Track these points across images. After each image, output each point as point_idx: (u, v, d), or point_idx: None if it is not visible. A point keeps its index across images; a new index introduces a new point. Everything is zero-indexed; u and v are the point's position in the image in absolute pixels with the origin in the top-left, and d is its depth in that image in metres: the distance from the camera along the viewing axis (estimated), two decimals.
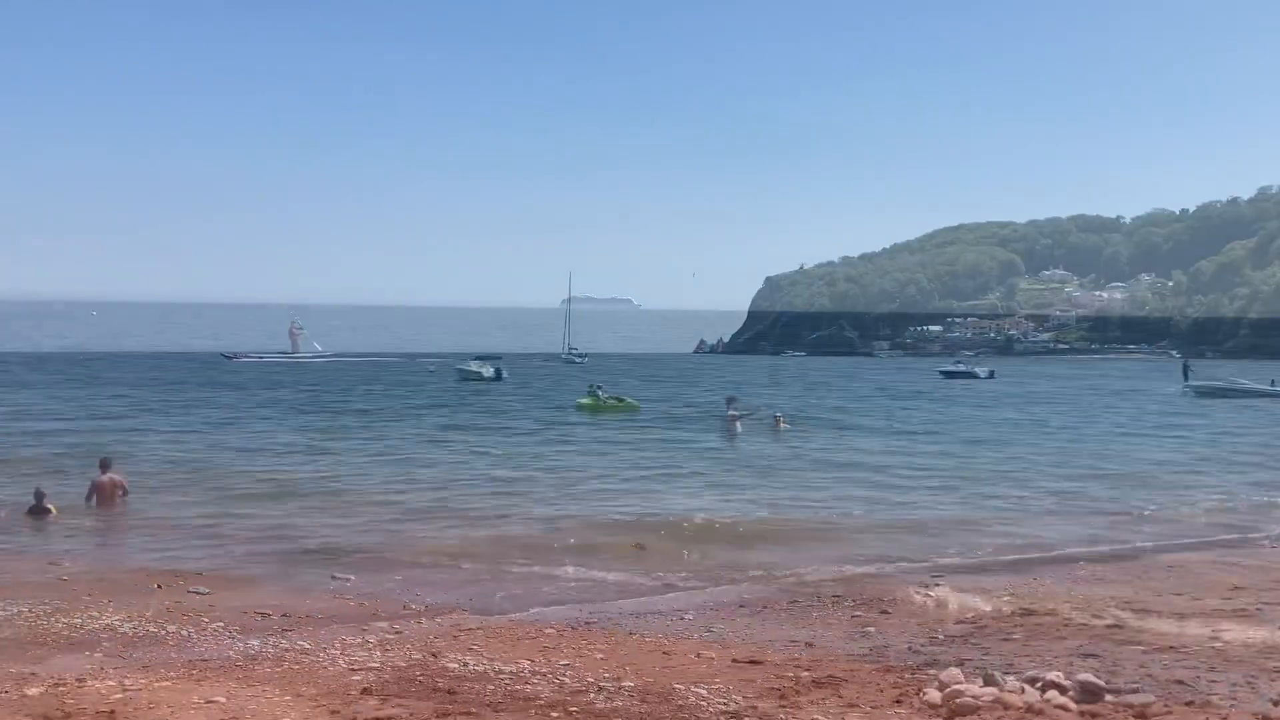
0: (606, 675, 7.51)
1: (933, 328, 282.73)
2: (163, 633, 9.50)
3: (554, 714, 6.39)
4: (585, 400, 43.41)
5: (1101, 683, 6.20)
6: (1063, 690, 6.14)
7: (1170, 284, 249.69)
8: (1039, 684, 6.27)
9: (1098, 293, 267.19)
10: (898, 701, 6.35)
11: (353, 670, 7.84)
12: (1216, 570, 12.02)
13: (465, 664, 8.02)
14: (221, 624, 9.83)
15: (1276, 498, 19.19)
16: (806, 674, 7.24)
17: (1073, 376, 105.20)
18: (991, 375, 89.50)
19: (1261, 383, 57.08)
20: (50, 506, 15.66)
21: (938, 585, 11.53)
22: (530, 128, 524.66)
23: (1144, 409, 49.05)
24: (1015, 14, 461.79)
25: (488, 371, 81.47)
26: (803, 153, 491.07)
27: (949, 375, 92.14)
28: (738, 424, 32.40)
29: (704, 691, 6.87)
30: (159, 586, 11.15)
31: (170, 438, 30.34)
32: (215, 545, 13.79)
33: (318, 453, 25.52)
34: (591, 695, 6.82)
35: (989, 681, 6.33)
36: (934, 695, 6.26)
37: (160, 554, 13.26)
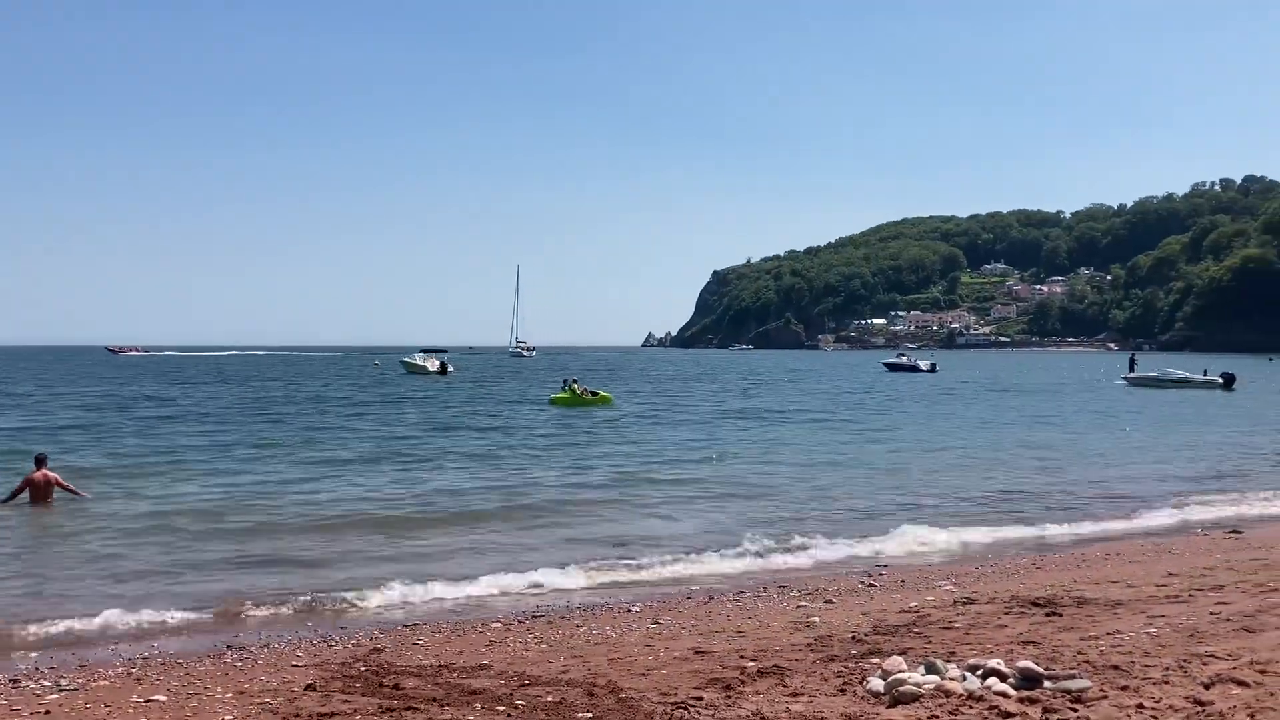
0: (553, 669, 7.51)
1: (877, 321, 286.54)
2: (101, 631, 9.35)
3: (499, 708, 6.37)
4: (560, 394, 43.67)
5: (1040, 669, 6.30)
6: (1003, 677, 6.24)
7: (1108, 278, 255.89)
8: (980, 671, 6.36)
9: (1038, 286, 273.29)
10: (841, 690, 6.41)
11: (295, 667, 7.77)
12: (1151, 558, 12.28)
13: (411, 659, 7.98)
14: (160, 622, 9.69)
15: (1206, 485, 19.64)
16: (752, 664, 7.29)
17: (1013, 368, 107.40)
18: (934, 368, 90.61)
19: (1195, 373, 58.68)
20: None
21: (881, 575, 11.68)
22: (477, 121, 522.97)
23: (1082, 400, 50.05)
24: (958, 16, 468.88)
25: (433, 365, 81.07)
26: (750, 147, 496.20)
27: (892, 368, 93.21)
28: None
29: (650, 683, 6.90)
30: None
31: (99, 435, 29.83)
32: (147, 544, 13.50)
33: (257, 454, 25.11)
34: (537, 689, 6.82)
35: (931, 670, 6.41)
36: (877, 684, 6.33)
37: (91, 552, 12.99)
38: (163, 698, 6.86)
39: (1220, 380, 55.32)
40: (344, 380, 73.21)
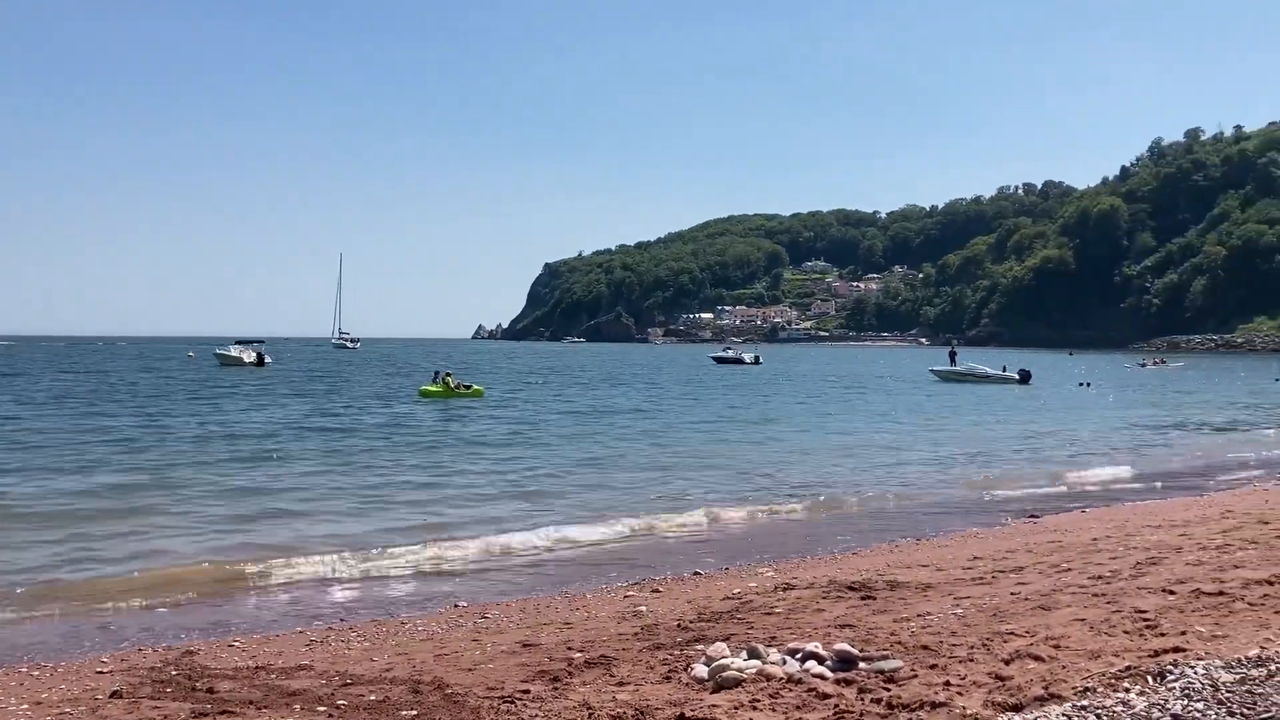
0: (377, 667, 7.35)
1: (704, 315, 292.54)
2: None
3: (320, 708, 6.19)
4: (432, 387, 42.80)
5: (856, 651, 6.55)
6: (820, 660, 6.45)
7: (920, 275, 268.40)
8: (799, 655, 6.56)
9: (855, 283, 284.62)
10: (667, 678, 6.50)
11: (100, 674, 7.36)
12: (958, 542, 12.93)
13: (226, 661, 7.68)
14: None
15: (1005, 472, 20.79)
16: (579, 655, 7.32)
17: (832, 361, 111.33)
18: (757, 361, 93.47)
19: (995, 368, 62.29)
20: None
21: (707, 563, 11.91)
22: (301, 106, 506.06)
23: (892, 393, 52.24)
24: (782, 24, 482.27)
25: (249, 356, 78.06)
26: (583, 141, 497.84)
27: (720, 361, 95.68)
28: None
29: (476, 678, 6.84)
30: None
31: None
32: None
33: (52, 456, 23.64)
34: (360, 688, 6.66)
35: (753, 655, 6.57)
36: (701, 670, 6.45)
37: None
38: None
39: (1017, 377, 58.89)
40: (156, 372, 69.67)
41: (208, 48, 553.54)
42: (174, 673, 7.25)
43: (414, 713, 6.07)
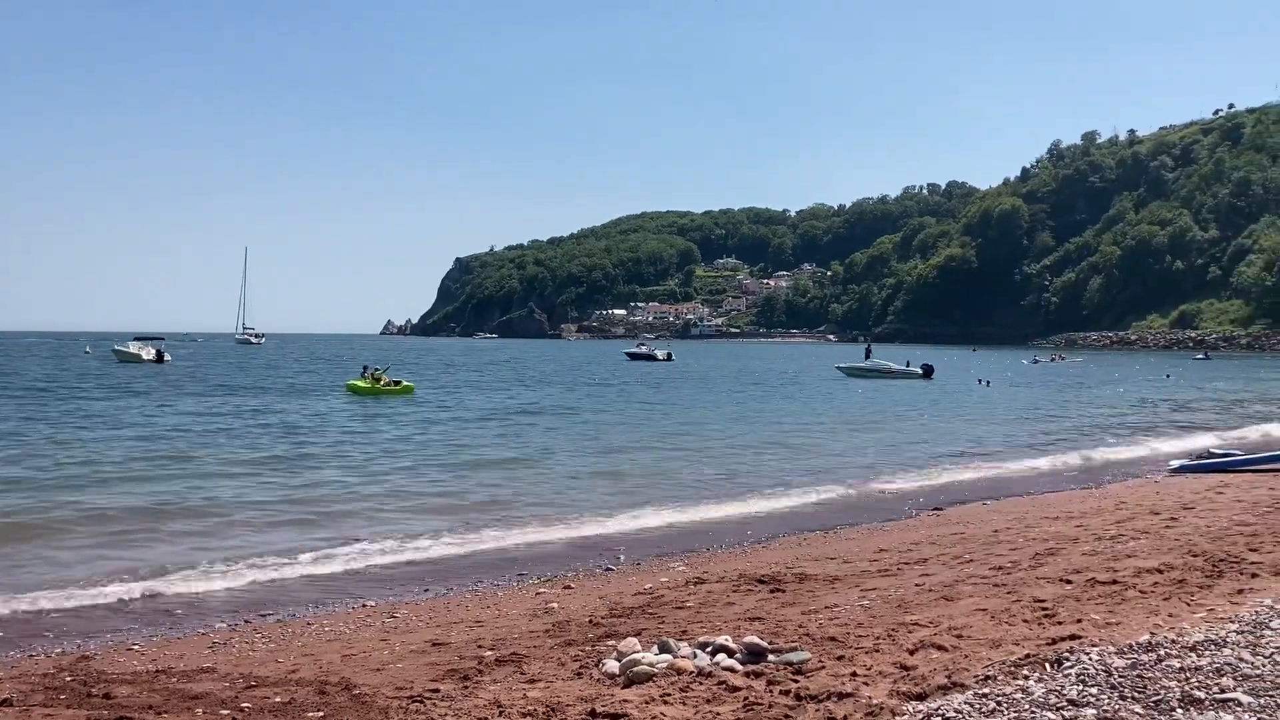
0: (282, 668, 7.21)
1: (618, 311, 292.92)
2: None
3: (223, 712, 6.05)
4: (360, 382, 41.90)
5: (765, 644, 6.62)
6: (730, 653, 6.52)
7: (829, 273, 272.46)
8: (710, 648, 6.61)
9: (765, 280, 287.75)
10: (578, 674, 6.51)
11: None
12: (864, 535, 13.17)
13: (124, 666, 7.46)
14: None
15: (909, 465, 21.21)
16: (490, 653, 7.28)
17: (743, 357, 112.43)
18: (670, 357, 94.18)
19: (900, 363, 63.73)
20: None
21: (619, 559, 11.94)
22: (204, 95, 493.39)
23: (802, 388, 52.94)
24: (695, 24, 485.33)
25: (148, 353, 75.85)
26: (495, 135, 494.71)
27: (633, 358, 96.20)
28: None
29: (385, 678, 6.76)
30: None
31: None
32: None
33: None
34: (265, 690, 6.53)
35: (664, 649, 6.61)
36: (612, 666, 6.47)
37: None
38: None
39: (920, 371, 60.23)
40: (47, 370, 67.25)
41: (105, 34, 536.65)
42: (68, 679, 7.01)
43: (320, 714, 5.97)
